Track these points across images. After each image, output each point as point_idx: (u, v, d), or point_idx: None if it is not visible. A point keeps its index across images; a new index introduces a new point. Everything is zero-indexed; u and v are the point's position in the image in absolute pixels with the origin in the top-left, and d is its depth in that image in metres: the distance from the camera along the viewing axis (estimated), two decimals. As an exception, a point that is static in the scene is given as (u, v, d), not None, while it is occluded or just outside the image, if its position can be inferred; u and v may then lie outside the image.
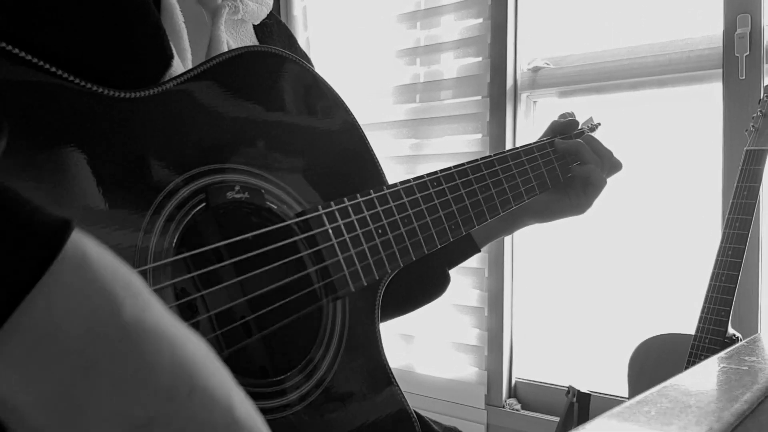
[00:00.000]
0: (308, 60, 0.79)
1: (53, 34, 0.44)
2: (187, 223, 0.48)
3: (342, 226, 0.55)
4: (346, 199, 0.56)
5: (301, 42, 2.13)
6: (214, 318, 0.51)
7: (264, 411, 0.49)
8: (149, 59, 0.50)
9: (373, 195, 0.59)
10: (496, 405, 1.79)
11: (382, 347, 0.60)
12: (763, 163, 1.16)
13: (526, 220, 0.86)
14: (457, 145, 1.87)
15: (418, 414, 0.73)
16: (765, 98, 1.20)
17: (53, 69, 0.42)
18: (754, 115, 1.21)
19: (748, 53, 1.40)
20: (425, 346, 1.93)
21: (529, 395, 1.79)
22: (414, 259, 0.61)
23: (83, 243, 0.30)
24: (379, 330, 0.61)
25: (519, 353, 1.82)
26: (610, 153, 0.86)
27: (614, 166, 0.87)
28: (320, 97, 0.60)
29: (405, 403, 0.60)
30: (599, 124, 0.96)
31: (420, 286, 0.83)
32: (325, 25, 2.15)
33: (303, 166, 0.57)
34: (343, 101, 0.62)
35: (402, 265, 0.60)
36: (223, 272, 0.51)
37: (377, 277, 0.57)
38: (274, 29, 0.76)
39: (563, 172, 0.83)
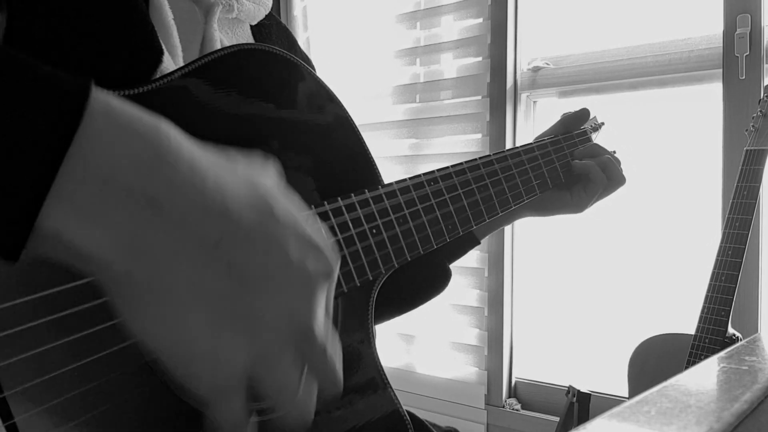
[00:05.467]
0: (309, 62, 0.78)
1: (41, 31, 0.44)
2: None
3: (335, 226, 0.54)
4: (339, 198, 0.55)
5: (301, 42, 2.13)
6: None
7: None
8: (139, 55, 0.49)
9: (367, 194, 0.58)
10: (496, 405, 1.79)
11: (375, 348, 0.60)
12: (763, 163, 1.16)
13: (524, 213, 0.86)
14: (457, 145, 1.86)
15: (415, 417, 0.72)
16: (765, 98, 1.20)
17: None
18: (754, 115, 1.21)
19: (748, 53, 1.40)
20: (425, 346, 1.93)
21: (529, 395, 1.79)
22: (410, 259, 0.60)
23: (105, 95, 0.32)
24: (372, 330, 0.60)
25: (519, 353, 1.81)
26: (620, 175, 0.84)
27: (621, 186, 0.85)
28: (316, 96, 0.58)
29: (398, 406, 0.59)
30: (603, 123, 0.96)
31: (421, 282, 0.82)
32: (325, 25, 2.15)
33: (297, 164, 0.56)
34: (339, 100, 0.61)
35: (397, 265, 0.59)
36: None
37: (371, 278, 0.56)
38: (273, 30, 0.75)
39: (564, 172, 0.83)
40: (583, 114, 0.88)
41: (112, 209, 0.32)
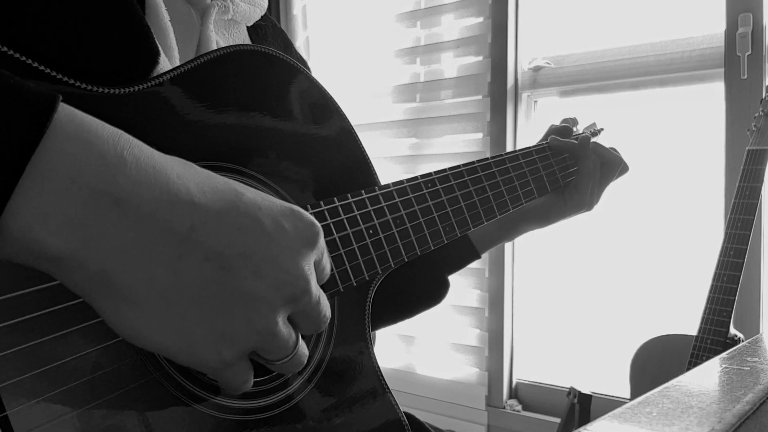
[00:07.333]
0: (305, 64, 0.78)
1: (37, 31, 0.43)
2: None
3: (331, 225, 0.54)
4: (336, 198, 0.56)
5: (301, 41, 2.13)
6: None
7: (250, 410, 0.48)
8: (135, 56, 0.49)
9: (364, 195, 0.58)
10: (497, 406, 1.78)
11: (371, 346, 0.60)
12: (764, 163, 1.15)
13: (527, 226, 0.84)
14: (457, 145, 1.86)
15: (414, 418, 0.72)
16: (767, 97, 1.20)
17: (35, 65, 0.41)
18: (756, 114, 1.20)
19: (749, 52, 1.39)
20: (426, 346, 1.92)
21: (529, 396, 1.78)
22: (406, 260, 0.60)
23: (71, 108, 0.33)
24: (369, 330, 0.60)
25: (520, 354, 1.81)
26: (613, 155, 0.85)
27: (619, 168, 0.85)
28: (312, 98, 0.58)
29: (396, 408, 0.59)
30: (602, 129, 0.95)
31: (420, 292, 0.82)
32: (324, 24, 2.14)
33: (293, 166, 0.56)
34: (335, 102, 0.61)
35: (394, 266, 0.59)
36: None
37: (367, 278, 0.56)
38: (269, 32, 0.75)
39: (563, 176, 0.82)
40: (566, 130, 0.87)
41: (80, 209, 0.32)
